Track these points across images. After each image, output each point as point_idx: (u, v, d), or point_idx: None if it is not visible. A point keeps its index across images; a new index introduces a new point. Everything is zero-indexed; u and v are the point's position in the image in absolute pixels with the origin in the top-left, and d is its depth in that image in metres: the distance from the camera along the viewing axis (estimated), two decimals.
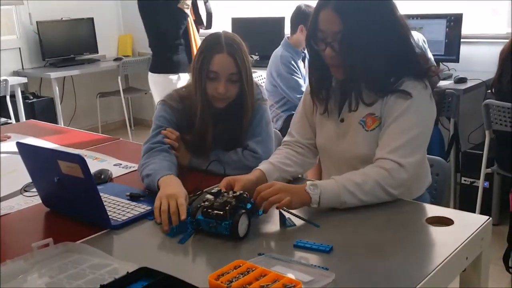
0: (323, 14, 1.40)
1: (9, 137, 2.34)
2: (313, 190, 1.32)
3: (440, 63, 3.50)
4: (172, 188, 1.41)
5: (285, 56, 3.31)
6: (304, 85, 3.25)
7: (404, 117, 1.40)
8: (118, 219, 1.36)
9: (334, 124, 1.55)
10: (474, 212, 2.91)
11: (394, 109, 1.42)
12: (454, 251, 1.13)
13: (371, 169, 1.38)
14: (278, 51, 3.38)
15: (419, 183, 1.57)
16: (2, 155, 2.10)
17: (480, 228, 1.24)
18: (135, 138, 5.34)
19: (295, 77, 3.29)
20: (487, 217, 1.28)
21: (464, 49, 3.51)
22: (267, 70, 3.43)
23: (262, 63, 4.45)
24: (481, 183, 2.97)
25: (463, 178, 3.20)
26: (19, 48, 5.13)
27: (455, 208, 3.10)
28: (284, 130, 1.73)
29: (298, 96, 3.21)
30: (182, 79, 3.59)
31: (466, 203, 3.14)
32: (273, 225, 1.31)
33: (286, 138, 1.69)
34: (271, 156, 1.61)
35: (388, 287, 1.01)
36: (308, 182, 1.34)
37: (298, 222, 1.31)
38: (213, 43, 1.64)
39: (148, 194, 1.52)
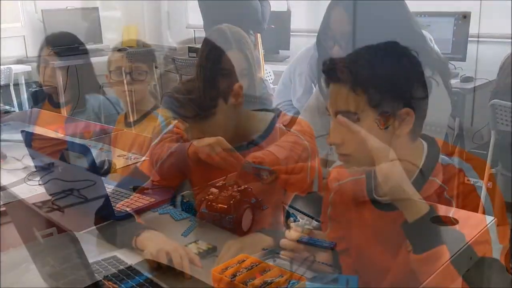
0: (334, 12, 1.40)
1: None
2: None
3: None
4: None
5: (315, 58, 3.09)
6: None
7: None
8: (122, 210, 1.36)
9: None
10: (476, 212, 2.89)
11: None
12: (458, 251, 1.13)
13: None
14: (312, 49, 3.17)
15: None
16: (6, 143, 2.09)
17: (485, 228, 1.23)
18: (137, 129, 5.32)
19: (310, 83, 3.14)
20: (492, 217, 1.28)
21: (471, 48, 3.48)
22: (291, 64, 3.27)
23: (266, 57, 4.40)
24: (484, 183, 2.96)
25: (465, 178, 3.19)
26: (24, 36, 5.12)
27: (456, 207, 3.09)
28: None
29: (296, 104, 3.12)
30: None
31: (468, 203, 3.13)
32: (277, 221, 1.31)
33: (295, 128, 1.68)
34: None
35: (391, 287, 1.00)
36: None
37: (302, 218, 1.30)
38: (221, 40, 1.62)
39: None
